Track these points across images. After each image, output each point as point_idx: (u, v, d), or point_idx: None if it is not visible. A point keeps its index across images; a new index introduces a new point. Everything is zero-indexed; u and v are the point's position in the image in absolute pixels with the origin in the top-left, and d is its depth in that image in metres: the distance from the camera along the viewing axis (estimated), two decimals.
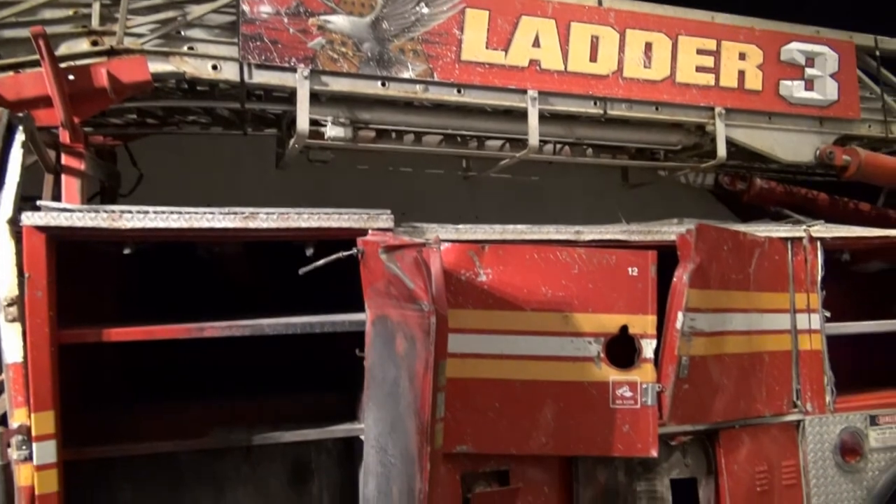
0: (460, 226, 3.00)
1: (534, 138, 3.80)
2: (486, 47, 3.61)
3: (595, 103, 3.93)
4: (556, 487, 3.00)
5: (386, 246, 2.51)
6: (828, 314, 3.49)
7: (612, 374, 2.93)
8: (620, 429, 2.90)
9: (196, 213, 2.60)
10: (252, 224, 2.65)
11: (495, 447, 2.86)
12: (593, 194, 5.21)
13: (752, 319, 3.29)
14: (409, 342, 2.47)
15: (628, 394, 2.92)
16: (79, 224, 2.51)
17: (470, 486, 2.91)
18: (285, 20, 3.26)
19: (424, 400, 2.36)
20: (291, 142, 3.56)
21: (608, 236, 3.13)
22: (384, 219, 2.80)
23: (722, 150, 4.20)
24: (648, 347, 2.96)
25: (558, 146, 4.44)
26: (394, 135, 3.97)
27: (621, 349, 2.97)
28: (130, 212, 2.58)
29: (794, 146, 4.48)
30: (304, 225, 2.72)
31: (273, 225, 2.68)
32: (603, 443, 2.90)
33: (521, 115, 3.77)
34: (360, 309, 2.75)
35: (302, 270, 2.76)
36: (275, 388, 3.64)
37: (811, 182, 5.23)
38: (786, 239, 3.47)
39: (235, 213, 2.64)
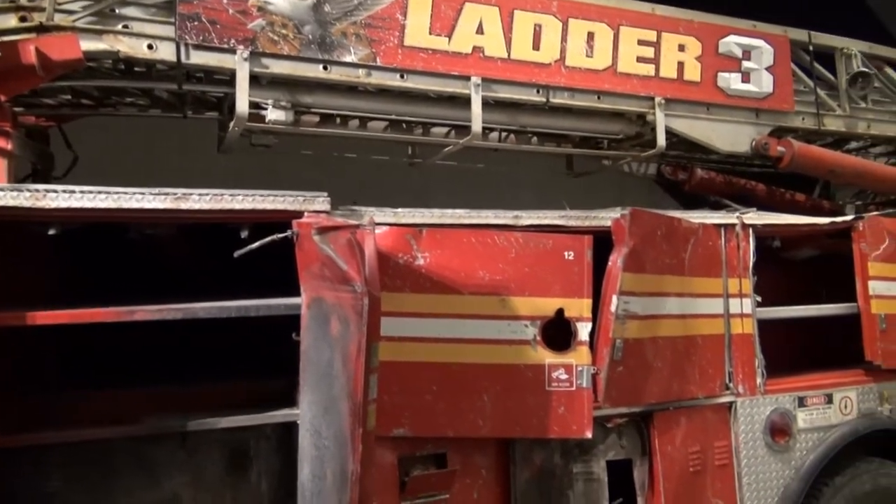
0: (398, 209, 2.97)
1: (477, 125, 3.79)
2: (430, 33, 3.58)
3: (538, 91, 3.93)
4: (493, 469, 3.00)
5: (319, 227, 2.47)
6: (759, 299, 3.56)
7: (548, 357, 2.94)
8: (556, 411, 2.92)
9: (125, 192, 2.51)
10: (184, 205, 2.58)
11: (432, 430, 2.85)
12: (539, 183, 5.22)
13: (686, 304, 3.33)
14: (343, 324, 2.43)
15: (564, 376, 2.94)
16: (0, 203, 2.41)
17: (408, 469, 2.89)
18: (224, 0, 3.18)
19: (357, 381, 2.34)
20: (231, 125, 3.48)
21: (546, 221, 3.13)
22: (320, 201, 2.76)
23: (662, 140, 4.26)
24: (584, 330, 2.97)
25: (504, 134, 4.45)
26: (338, 120, 3.93)
27: (557, 332, 2.98)
28: (56, 191, 2.48)
29: (731, 137, 4.56)
30: (237, 207, 2.65)
31: (206, 206, 2.61)
32: (539, 425, 2.91)
33: (465, 101, 3.76)
34: (298, 293, 2.70)
35: (237, 253, 2.69)
36: (214, 375, 3.57)
37: (750, 173, 5.35)
38: (719, 225, 3.53)
39: (167, 194, 2.57)
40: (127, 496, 2.93)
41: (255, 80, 3.39)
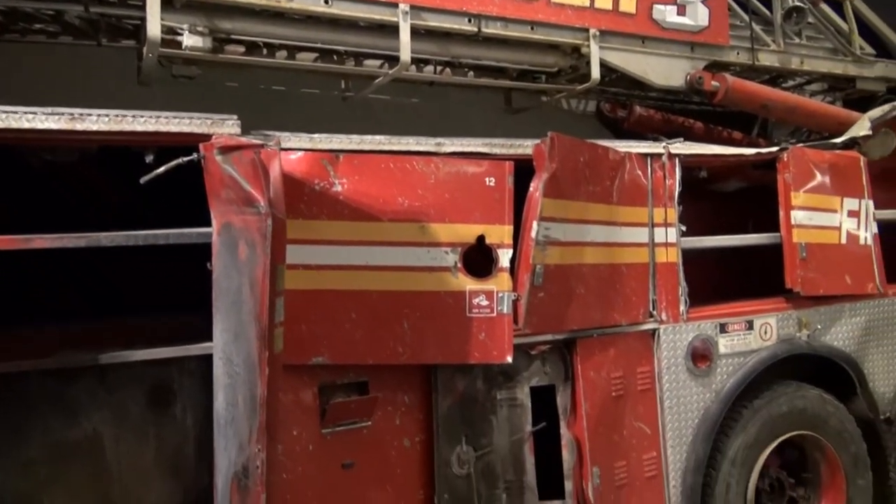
0: (315, 135, 2.86)
1: (405, 54, 3.66)
2: None
3: (469, 20, 3.81)
4: (416, 396, 2.98)
5: (221, 147, 2.35)
6: (683, 228, 3.56)
7: (468, 284, 2.89)
8: (477, 337, 2.89)
9: (14, 112, 2.35)
10: (80, 126, 2.42)
11: (352, 358, 2.80)
12: (477, 119, 5.12)
13: (610, 232, 3.31)
14: (251, 248, 2.34)
15: (485, 302, 2.90)
16: None
17: (329, 397, 2.84)
18: None
19: (263, 305, 2.26)
20: (145, 51, 3.29)
21: (469, 149, 3.05)
22: (230, 124, 2.63)
23: (596, 73, 4.18)
24: (505, 257, 2.93)
25: (439, 67, 4.33)
26: (265, 50, 3.76)
27: (478, 259, 2.93)
28: None
29: (665, 71, 4.50)
30: (140, 128, 2.51)
31: (105, 128, 2.45)
32: (460, 351, 2.88)
33: (395, 30, 3.62)
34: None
35: (143, 179, 2.56)
36: (136, 311, 3.46)
37: (689, 111, 5.32)
38: (645, 155, 3.49)
39: (61, 114, 2.41)
40: (44, 435, 2.84)
41: (168, 3, 3.21)
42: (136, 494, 3.00)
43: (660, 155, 3.53)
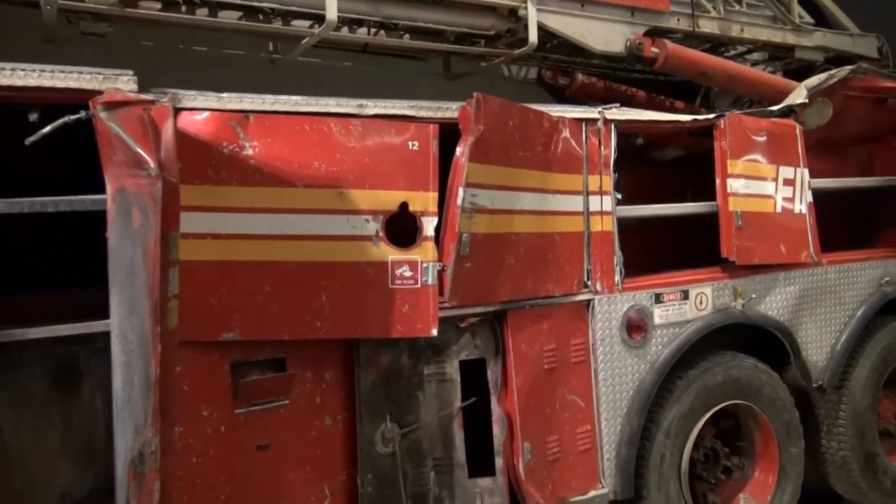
0: (225, 94, 2.63)
1: (331, 12, 3.45)
2: None
3: None
4: (338, 373, 2.81)
5: (105, 102, 2.11)
6: (619, 196, 3.44)
7: (391, 254, 2.72)
8: (400, 309, 2.72)
9: None
10: None
11: (266, 333, 2.61)
12: (414, 85, 4.91)
13: (543, 200, 3.17)
14: (144, 214, 2.12)
15: (408, 273, 2.73)
16: None
17: (243, 375, 2.66)
18: None
19: (155, 276, 2.05)
20: (42, 2, 3.00)
21: (394, 111, 2.86)
22: (125, 80, 2.38)
23: (533, 36, 4.02)
24: (429, 225, 2.76)
25: (373, 30, 4.11)
26: (184, 8, 3.49)
27: (401, 227, 2.76)
28: None
29: (605, 36, 4.37)
30: (19, 83, 2.25)
31: None
32: (382, 324, 2.71)
33: None
34: None
35: (28, 140, 2.31)
36: (44, 286, 3.20)
37: (632, 79, 5.21)
38: (580, 120, 3.35)
39: None
40: None
41: None
42: (40, 481, 2.78)
43: (595, 120, 3.39)
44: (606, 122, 3.41)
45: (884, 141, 4.69)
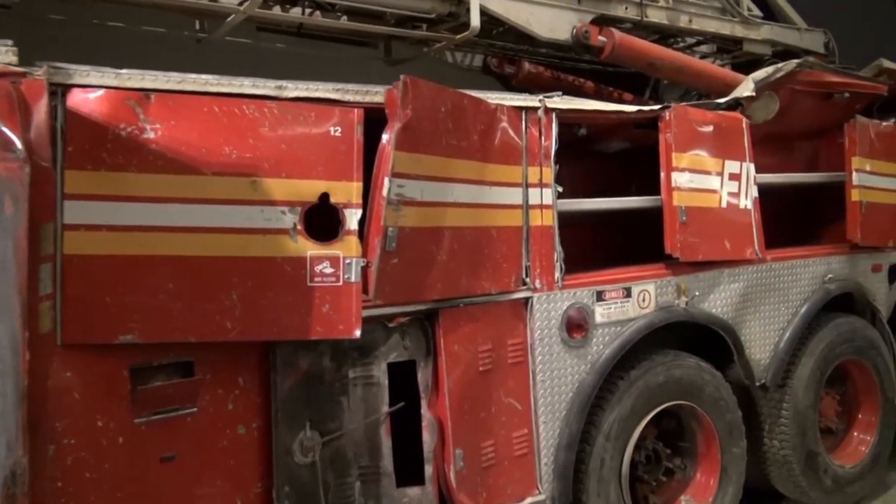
0: (125, 70, 2.36)
1: None
2: None
3: None
4: (253, 377, 2.58)
5: None
6: (560, 189, 3.27)
7: (310, 249, 2.50)
8: (320, 309, 2.50)
9: None
10: None
11: (169, 335, 2.36)
12: (354, 70, 4.67)
13: (480, 192, 2.98)
14: (15, 202, 1.86)
15: (329, 270, 2.51)
16: None
17: (145, 380, 2.41)
18: None
19: (23, 273, 1.80)
20: None
21: (318, 94, 2.62)
22: (3, 51, 2.10)
23: (476, 20, 3.81)
24: (353, 218, 2.54)
25: (308, 10, 3.86)
26: None
27: (322, 220, 2.53)
28: None
29: (550, 22, 4.20)
30: None
31: None
32: (299, 325, 2.49)
33: None
34: None
35: None
36: None
37: (580, 69, 5.05)
38: (520, 108, 3.16)
39: None
40: None
41: None
42: None
43: (535, 109, 3.21)
44: (547, 111, 3.23)
45: (830, 136, 4.62)
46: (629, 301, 3.46)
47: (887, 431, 4.55)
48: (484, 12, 3.90)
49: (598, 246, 4.16)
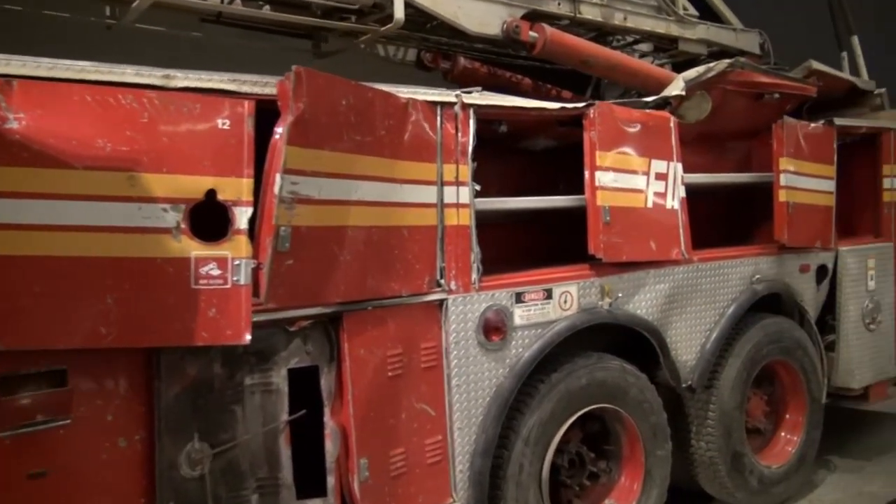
0: None
1: None
2: None
3: None
4: (135, 385, 2.38)
5: None
6: (478, 188, 3.13)
7: (194, 249, 2.31)
8: (206, 313, 2.32)
9: None
10: None
11: (36, 341, 2.15)
12: (279, 63, 4.47)
13: (389, 190, 2.82)
14: None
15: (216, 272, 2.33)
16: None
17: (11, 390, 2.20)
18: None
19: None
20: None
21: (210, 84, 2.43)
22: None
23: (399, 13, 3.67)
24: (242, 216, 2.37)
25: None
26: None
27: (208, 219, 2.35)
28: None
29: (480, 16, 4.06)
30: None
31: None
32: (183, 331, 2.30)
33: None
34: None
35: None
36: None
37: (519, 66, 4.92)
38: (435, 103, 3.01)
39: None
40: None
41: None
42: None
43: (451, 104, 3.06)
44: (464, 106, 3.09)
45: (762, 137, 4.57)
46: (550, 303, 3.34)
47: (814, 431, 4.52)
48: (410, 4, 3.75)
49: (527, 247, 4.04)
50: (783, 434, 4.46)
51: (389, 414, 2.86)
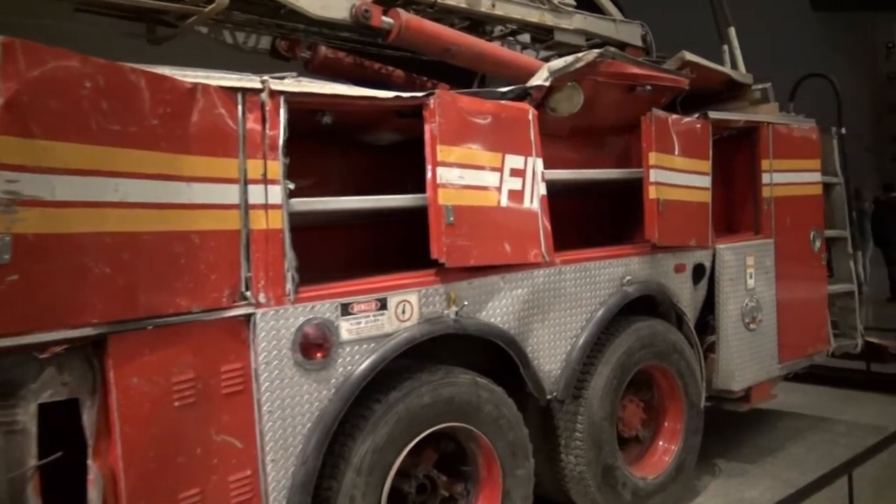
0: None
1: None
2: None
3: None
4: None
5: None
6: (291, 186, 2.71)
7: None
8: None
9: None
10: None
11: None
12: (108, 52, 3.96)
13: (166, 188, 2.36)
14: None
15: None
16: None
17: None
18: None
19: None
20: None
21: None
22: None
23: None
24: None
25: None
26: None
27: None
28: None
29: None
30: None
31: None
32: None
33: None
34: None
35: None
36: None
37: (391, 56, 4.52)
38: (234, 90, 2.57)
39: None
40: None
41: None
42: None
43: (256, 91, 2.63)
44: (273, 94, 2.66)
45: (638, 132, 4.29)
46: (385, 314, 2.94)
47: (693, 437, 4.27)
48: None
49: (380, 253, 3.64)
50: (661, 443, 4.18)
51: (179, 451, 2.41)
